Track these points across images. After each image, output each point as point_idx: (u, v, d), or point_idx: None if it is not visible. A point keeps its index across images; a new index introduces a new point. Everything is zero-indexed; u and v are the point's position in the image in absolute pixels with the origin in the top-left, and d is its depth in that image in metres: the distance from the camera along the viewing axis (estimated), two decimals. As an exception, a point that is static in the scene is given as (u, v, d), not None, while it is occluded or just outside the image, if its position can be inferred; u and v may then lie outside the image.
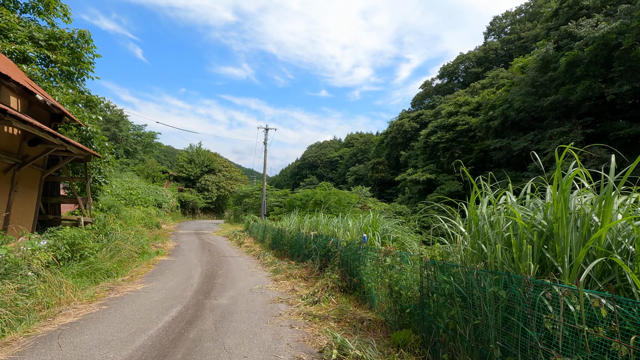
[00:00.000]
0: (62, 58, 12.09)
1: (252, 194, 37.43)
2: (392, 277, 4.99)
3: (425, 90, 72.86)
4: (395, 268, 5.01)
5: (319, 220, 11.33)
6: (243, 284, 8.70)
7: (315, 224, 11.42)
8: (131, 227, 15.68)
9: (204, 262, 12.12)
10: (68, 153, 10.22)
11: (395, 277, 4.89)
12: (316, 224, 11.30)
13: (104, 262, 9.40)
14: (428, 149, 41.53)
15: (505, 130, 33.46)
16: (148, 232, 19.91)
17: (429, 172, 39.76)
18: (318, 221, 11.24)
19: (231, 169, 54.07)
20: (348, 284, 7.37)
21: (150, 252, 13.26)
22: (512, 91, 32.35)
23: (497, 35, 69.69)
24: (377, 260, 5.87)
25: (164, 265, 11.23)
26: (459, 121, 38.76)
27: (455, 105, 41.01)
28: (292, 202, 19.39)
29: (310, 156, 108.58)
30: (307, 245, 11.00)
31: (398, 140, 63.03)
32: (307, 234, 11.21)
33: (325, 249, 9.39)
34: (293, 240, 12.66)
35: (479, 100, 39.87)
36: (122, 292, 7.38)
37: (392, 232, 7.62)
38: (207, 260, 12.64)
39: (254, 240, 19.37)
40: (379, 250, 5.89)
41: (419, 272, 4.43)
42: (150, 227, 23.32)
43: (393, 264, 5.12)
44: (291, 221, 14.32)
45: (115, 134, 59.69)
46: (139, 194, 32.75)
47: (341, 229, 9.16)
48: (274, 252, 14.41)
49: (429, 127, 42.57)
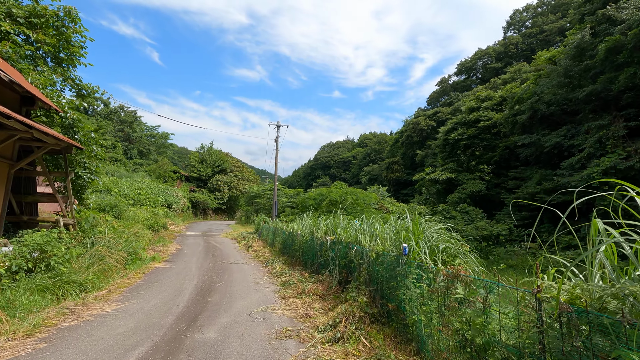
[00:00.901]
0: (45, 38, 10.55)
1: (263, 194, 35.77)
2: (469, 320, 3.00)
3: (442, 88, 69.85)
4: (475, 305, 3.02)
5: (336, 222, 9.40)
6: (243, 303, 6.83)
7: (332, 227, 9.49)
8: (128, 229, 14.11)
9: (203, 271, 10.34)
10: (41, 143, 8.62)
11: (478, 321, 2.89)
12: (333, 227, 9.37)
13: (79, 272, 7.71)
14: (448, 147, 38.95)
15: (533, 125, 30.72)
16: (151, 234, 18.39)
17: (449, 171, 37.22)
18: (336, 224, 9.31)
19: (243, 169, 52.67)
20: (380, 309, 5.40)
21: (144, 258, 11.60)
22: (542, 83, 29.63)
23: (518, 29, 66.27)
24: (431, 285, 3.89)
25: (155, 275, 9.50)
26: (481, 117, 36.11)
27: (476, 100, 38.34)
28: (304, 202, 17.50)
29: (323, 156, 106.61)
30: (322, 252, 9.08)
31: (414, 139, 60.41)
32: (323, 239, 9.30)
33: (345, 259, 7.45)
34: (306, 246, 10.76)
35: (502, 94, 37.11)
36: (84, 316, 5.62)
37: (439, 240, 5.62)
38: (208, 268, 10.86)
39: (264, 243, 17.58)
40: (434, 269, 3.91)
41: (525, 317, 2.45)
42: (156, 228, 21.86)
43: (467, 298, 3.13)
44: (304, 223, 12.42)
45: (129, 135, 59.38)
46: (147, 194, 31.54)
47: (367, 234, 7.19)
48: (284, 258, 12.54)
49: (448, 124, 39.98)
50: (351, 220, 9.12)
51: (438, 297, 3.67)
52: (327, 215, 11.93)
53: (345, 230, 8.43)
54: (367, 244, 6.83)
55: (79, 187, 10.67)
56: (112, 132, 56.15)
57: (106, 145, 47.20)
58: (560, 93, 28.19)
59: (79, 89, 12.82)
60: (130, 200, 28.99)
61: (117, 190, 28.32)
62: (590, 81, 26.19)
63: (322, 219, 10.64)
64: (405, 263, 4.85)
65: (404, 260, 4.88)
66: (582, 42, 25.99)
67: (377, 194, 29.22)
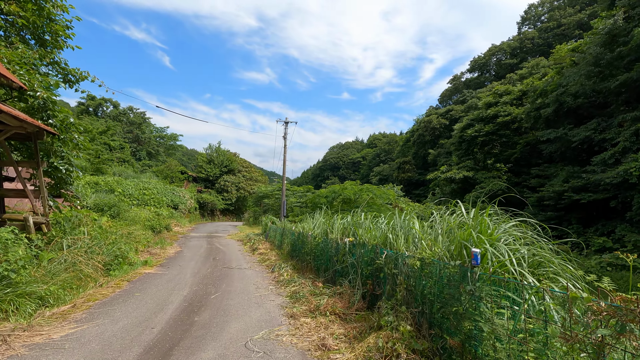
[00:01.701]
0: (19, 10, 9.15)
1: (271, 194, 34.23)
2: None
3: (454, 85, 67.47)
4: None
5: (356, 221, 7.70)
6: (239, 325, 5.17)
7: (350, 227, 7.79)
8: (121, 229, 12.65)
9: (198, 278, 8.74)
10: (2, 125, 7.16)
11: None
12: (352, 226, 7.68)
13: (40, 282, 6.19)
14: (464, 144, 36.83)
15: (559, 119, 28.48)
16: (152, 236, 16.95)
17: (466, 169, 35.10)
18: (356, 223, 7.61)
19: (251, 169, 51.30)
20: (431, 344, 3.67)
21: (134, 263, 10.07)
22: (568, 74, 27.41)
23: (533, 24, 63.64)
24: (564, 325, 2.16)
25: (141, 283, 7.93)
26: (500, 112, 33.94)
27: (494, 95, 36.16)
28: (315, 201, 15.82)
29: (331, 157, 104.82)
30: (339, 257, 7.37)
31: (426, 138, 58.26)
32: (340, 241, 7.61)
33: (371, 267, 5.74)
34: (318, 249, 9.07)
35: (522, 88, 34.87)
36: (16, 347, 4.02)
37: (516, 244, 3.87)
38: (205, 275, 9.26)
39: (271, 245, 15.96)
40: (565, 297, 2.19)
41: None
42: (158, 229, 20.47)
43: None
44: (315, 223, 10.73)
45: (137, 136, 58.71)
46: (152, 194, 30.31)
47: (401, 235, 5.48)
48: (293, 262, 10.88)
49: (464, 121, 37.86)
50: (376, 217, 7.41)
51: (577, 349, 1.94)
52: (343, 214, 10.23)
53: (368, 231, 6.71)
54: (403, 248, 5.11)
55: (58, 180, 9.20)
56: (121, 133, 55.55)
57: (114, 146, 46.48)
58: (588, 84, 25.97)
59: (65, 73, 11.43)
60: (134, 200, 27.76)
61: (120, 190, 27.13)
62: (623, 70, 23.94)
63: (337, 218, 8.94)
64: (478, 278, 3.13)
65: (476, 274, 3.16)
66: (614, 28, 23.79)
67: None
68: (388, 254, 5.14)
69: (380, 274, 5.37)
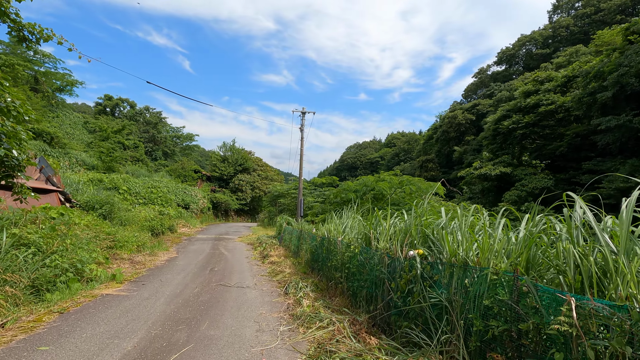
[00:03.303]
0: None
1: (287, 193, 31.24)
2: None
3: (480, 79, 62.60)
4: None
5: (428, 222, 4.45)
6: None
7: (414, 231, 4.51)
8: (93, 230, 9.77)
9: (174, 307, 5.66)
10: None
11: None
12: (419, 230, 4.42)
13: None
14: (499, 138, 32.65)
15: (618, 104, 24.12)
16: (148, 238, 14.10)
17: (503, 165, 30.95)
18: (428, 225, 4.36)
19: (267, 168, 48.52)
20: None
21: (96, 277, 7.11)
22: (631, 51, 23.06)
23: (566, 11, 58.31)
24: None
25: (76, 319, 4.89)
26: (542, 100, 29.65)
27: (534, 82, 31.85)
28: (340, 195, 12.53)
29: (349, 157, 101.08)
30: (400, 283, 4.10)
31: (450, 135, 53.94)
32: (400, 254, 4.34)
33: (507, 318, 2.44)
34: (355, 264, 5.80)
35: (567, 73, 30.44)
36: None
37: None
38: (187, 299, 6.18)
39: (285, 251, 12.81)
40: None
41: None
42: (160, 230, 17.76)
43: None
44: (346, 223, 7.44)
45: (153, 136, 57.26)
46: (160, 192, 27.88)
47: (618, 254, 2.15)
48: (315, 279, 7.67)
49: (499, 112, 33.68)
50: (479, 214, 4.13)
51: None
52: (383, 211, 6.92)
53: (472, 240, 3.40)
54: None
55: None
56: (137, 133, 54.27)
57: (128, 144, 44.78)
58: (658, 62, 21.59)
59: (18, 29, 8.67)
60: (140, 199, 25.36)
61: (125, 188, 24.77)
62: None
63: (387, 216, 5.66)
64: None
65: None
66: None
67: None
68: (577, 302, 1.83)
69: (531, 337, 2.06)
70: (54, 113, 42.39)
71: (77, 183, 20.50)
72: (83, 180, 22.14)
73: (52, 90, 43.41)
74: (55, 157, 28.26)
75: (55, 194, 14.57)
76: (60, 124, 41.66)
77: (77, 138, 42.27)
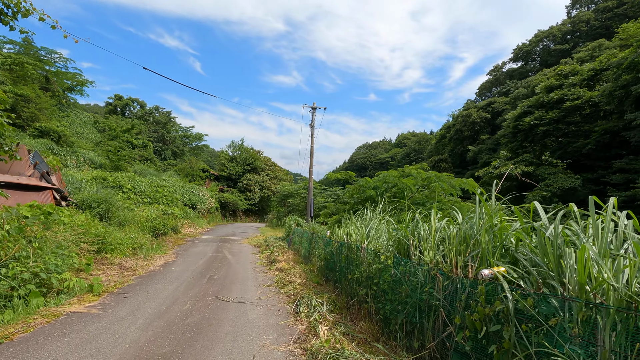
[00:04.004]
0: None
1: (296, 193, 29.91)
2: None
3: (495, 77, 60.24)
4: None
5: (504, 227, 3.03)
6: None
7: (486, 240, 3.08)
8: (72, 231, 8.54)
9: (151, 333, 4.32)
10: None
11: None
12: (493, 239, 3.00)
13: None
14: (519, 135, 30.67)
15: (655, 97, 22.07)
16: (147, 240, 12.88)
17: (524, 163, 29.01)
18: (504, 230, 2.93)
19: (275, 168, 47.31)
20: None
21: (69, 289, 5.86)
22: (670, 39, 21.01)
23: (586, 5, 55.69)
24: None
25: (4, 358, 3.60)
26: (566, 95, 27.65)
27: (558, 77, 29.84)
28: (356, 194, 11.08)
29: (358, 158, 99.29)
30: (470, 318, 2.65)
31: (464, 134, 51.87)
32: (457, 275, 2.89)
33: None
34: (387, 279, 4.36)
35: (594, 66, 28.35)
36: None
37: None
38: (171, 320, 4.83)
39: (295, 255, 11.43)
40: None
41: None
42: (162, 231, 16.59)
43: None
44: (371, 225, 5.99)
45: (162, 136, 56.74)
46: (166, 192, 26.88)
47: None
48: (331, 292, 6.26)
49: (519, 108, 31.69)
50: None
51: None
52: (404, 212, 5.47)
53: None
54: None
55: None
56: (147, 132, 53.87)
57: (136, 144, 44.15)
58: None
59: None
60: (145, 198, 24.36)
61: (129, 187, 23.80)
62: None
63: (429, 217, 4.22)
64: None
65: None
66: None
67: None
68: None
69: None
70: (64, 112, 42.04)
71: (80, 181, 19.51)
72: (86, 179, 21.19)
73: (62, 90, 43.11)
74: (62, 156, 27.52)
75: (49, 192, 13.47)
76: (71, 124, 41.27)
77: (87, 137, 41.81)
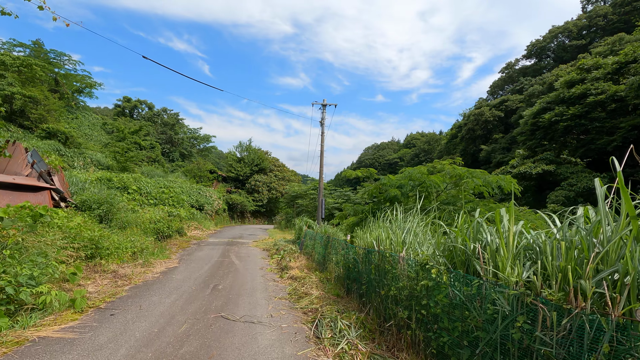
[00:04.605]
0: None
1: (305, 194, 28.87)
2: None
3: (508, 74, 58.39)
4: None
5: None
6: None
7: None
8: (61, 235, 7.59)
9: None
10: None
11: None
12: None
13: None
14: (538, 132, 29.13)
15: (690, 90, 20.46)
16: (149, 243, 11.93)
17: (545, 162, 27.48)
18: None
19: (283, 169, 46.37)
20: None
21: (47, 305, 4.87)
22: None
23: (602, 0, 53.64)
24: None
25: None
26: (589, 90, 26.08)
27: (579, 71, 28.27)
28: (376, 193, 9.95)
29: (366, 158, 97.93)
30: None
31: (477, 133, 50.24)
32: (584, 309, 1.76)
33: None
34: (444, 305, 3.24)
35: (619, 59, 26.72)
36: None
37: None
38: (161, 351, 3.78)
39: (308, 261, 10.33)
40: None
41: None
42: (166, 233, 15.68)
43: None
44: (407, 228, 4.83)
45: (170, 137, 56.36)
46: (172, 193, 26.09)
47: None
48: (356, 308, 5.15)
49: (537, 104, 30.15)
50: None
51: None
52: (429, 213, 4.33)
53: None
54: None
55: None
56: (155, 134, 53.56)
57: (144, 145, 43.69)
58: None
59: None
60: (151, 199, 23.58)
61: (135, 188, 23.04)
62: None
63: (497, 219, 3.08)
64: None
65: None
66: None
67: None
68: None
69: None
70: (72, 114, 41.83)
71: (84, 182, 18.76)
72: (91, 179, 20.45)
73: (71, 92, 42.95)
74: (69, 157, 26.99)
75: (47, 192, 12.63)
76: (79, 125, 41.00)
77: (95, 139, 41.49)
